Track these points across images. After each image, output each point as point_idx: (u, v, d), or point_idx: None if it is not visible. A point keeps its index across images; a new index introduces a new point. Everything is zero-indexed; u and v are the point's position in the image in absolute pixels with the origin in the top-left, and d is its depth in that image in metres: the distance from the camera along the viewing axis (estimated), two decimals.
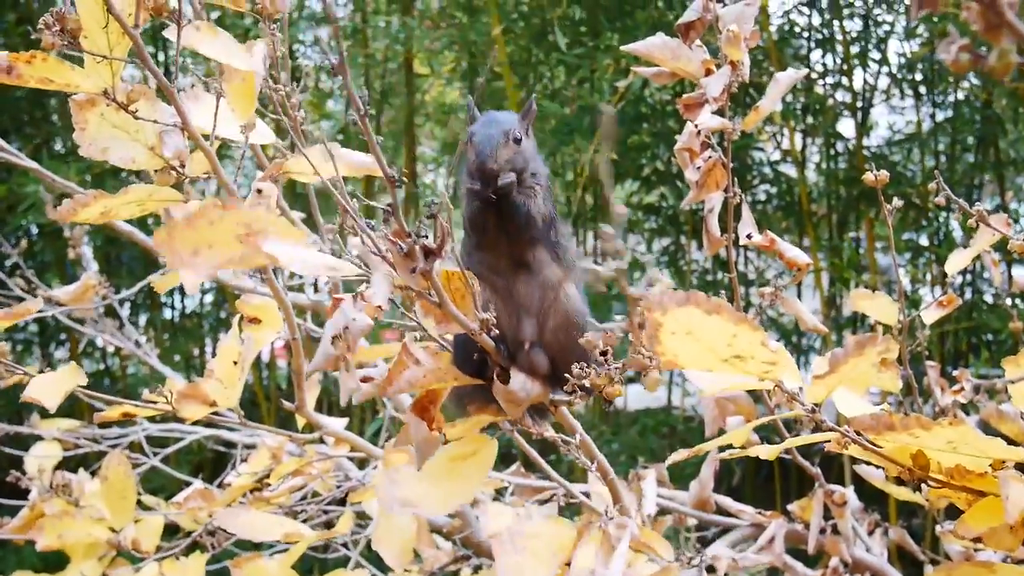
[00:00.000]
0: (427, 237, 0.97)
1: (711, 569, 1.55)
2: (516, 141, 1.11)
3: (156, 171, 1.35)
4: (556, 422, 1.29)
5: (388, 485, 1.08)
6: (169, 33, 1.21)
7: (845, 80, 4.15)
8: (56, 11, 1.19)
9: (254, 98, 1.35)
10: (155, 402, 1.49)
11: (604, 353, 1.00)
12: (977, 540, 0.97)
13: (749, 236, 1.51)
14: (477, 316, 1.06)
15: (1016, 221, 4.22)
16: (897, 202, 1.38)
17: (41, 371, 1.43)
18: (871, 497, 2.80)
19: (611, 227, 0.82)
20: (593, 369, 1.02)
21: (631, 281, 0.94)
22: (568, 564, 1.12)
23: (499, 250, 1.13)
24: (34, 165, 1.95)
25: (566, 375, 1.05)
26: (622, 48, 1.65)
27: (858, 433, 0.91)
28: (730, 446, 1.00)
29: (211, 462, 4.13)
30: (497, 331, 1.09)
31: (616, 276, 0.84)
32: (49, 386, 1.34)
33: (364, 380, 1.10)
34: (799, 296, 4.50)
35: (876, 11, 4.09)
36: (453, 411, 1.22)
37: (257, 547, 2.56)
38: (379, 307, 0.98)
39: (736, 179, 1.47)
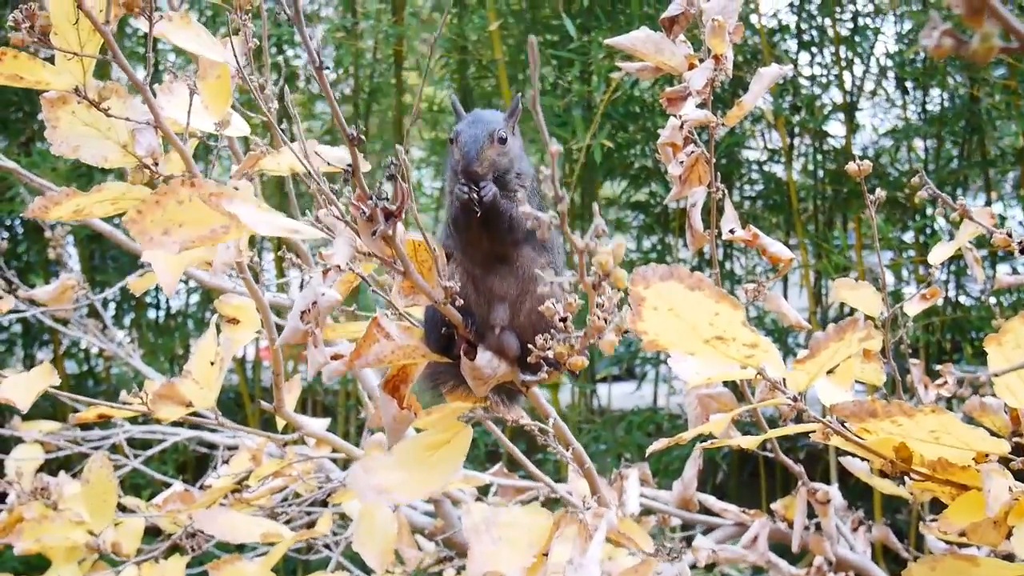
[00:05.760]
0: (387, 199, 0.95)
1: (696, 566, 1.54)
2: (501, 141, 1.10)
3: (131, 169, 1.33)
4: (531, 407, 1.26)
5: (363, 473, 1.07)
6: (140, 24, 1.19)
7: (835, 79, 4.14)
8: (26, 7, 1.17)
9: (229, 94, 1.34)
10: (131, 403, 1.47)
11: (564, 320, 0.96)
12: (961, 535, 0.96)
13: (732, 231, 1.50)
14: (440, 284, 1.04)
15: (1001, 222, 4.22)
16: (880, 193, 1.38)
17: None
18: (856, 493, 2.79)
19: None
20: (555, 338, 0.98)
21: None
22: (545, 555, 1.11)
23: (480, 247, 1.12)
24: (12, 165, 1.93)
25: (530, 347, 1.01)
26: (605, 42, 1.64)
27: (841, 423, 0.90)
28: (710, 436, 0.99)
29: (195, 461, 4.10)
30: (466, 310, 1.08)
31: (559, 221, 0.81)
32: (22, 386, 1.32)
33: (335, 357, 1.09)
34: (785, 294, 4.50)
35: (867, 8, 4.09)
36: (427, 394, 1.21)
37: (241, 550, 2.55)
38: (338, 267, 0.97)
39: (725, 177, 1.46)
